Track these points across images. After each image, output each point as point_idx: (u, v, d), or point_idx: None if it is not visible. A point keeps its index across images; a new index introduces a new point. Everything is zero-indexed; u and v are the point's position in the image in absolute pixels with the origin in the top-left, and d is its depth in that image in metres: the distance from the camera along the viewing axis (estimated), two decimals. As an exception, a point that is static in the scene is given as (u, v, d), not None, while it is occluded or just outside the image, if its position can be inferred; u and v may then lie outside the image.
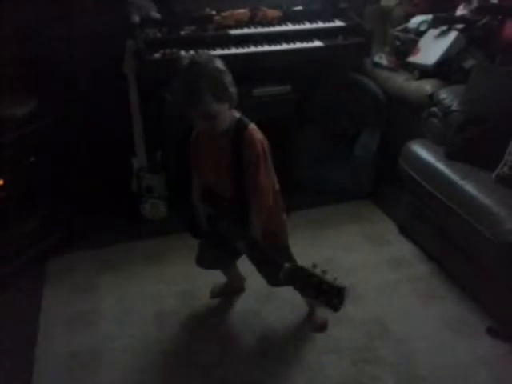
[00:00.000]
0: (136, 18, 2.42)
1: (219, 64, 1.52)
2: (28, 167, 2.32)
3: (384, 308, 2.10)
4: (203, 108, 1.48)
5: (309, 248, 2.34)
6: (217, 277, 2.10)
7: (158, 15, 2.51)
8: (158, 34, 2.43)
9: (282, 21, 2.61)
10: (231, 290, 2.17)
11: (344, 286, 1.30)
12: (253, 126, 1.60)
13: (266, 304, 2.12)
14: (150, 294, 2.19)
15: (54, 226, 2.46)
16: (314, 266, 1.35)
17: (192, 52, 2.34)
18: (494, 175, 2.05)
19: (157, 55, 2.32)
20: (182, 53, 2.35)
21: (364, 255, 2.40)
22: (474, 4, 2.63)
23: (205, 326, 2.04)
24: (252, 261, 1.83)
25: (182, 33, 2.47)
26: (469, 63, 2.51)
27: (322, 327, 2.00)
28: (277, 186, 1.74)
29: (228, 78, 1.51)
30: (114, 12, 2.44)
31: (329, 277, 1.31)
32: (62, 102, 2.50)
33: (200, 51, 2.27)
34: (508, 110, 2.09)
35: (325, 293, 1.30)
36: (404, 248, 2.44)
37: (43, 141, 2.37)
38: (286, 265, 1.40)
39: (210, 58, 1.54)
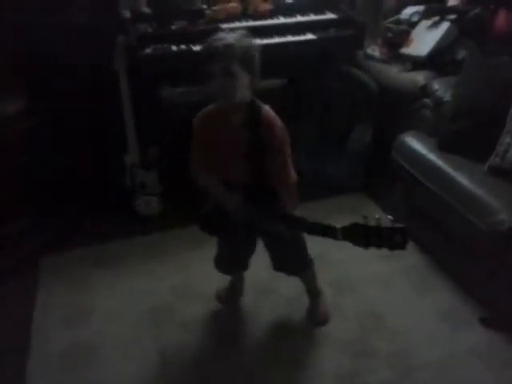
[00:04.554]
0: (126, 13, 2.41)
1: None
2: (20, 165, 2.31)
3: (378, 300, 2.12)
4: (228, 63, 1.42)
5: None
6: (211, 273, 2.05)
7: (148, 10, 2.49)
8: (149, 29, 2.42)
9: (273, 14, 2.61)
10: (235, 295, 2.13)
11: (403, 226, 1.32)
12: (268, 108, 1.58)
13: (261, 299, 2.13)
14: (144, 289, 2.19)
15: (48, 223, 2.45)
16: (365, 217, 1.37)
17: (183, 46, 2.34)
18: (486, 166, 2.05)
19: (148, 50, 2.31)
20: (174, 48, 2.35)
21: (357, 247, 2.39)
22: (466, -6, 2.63)
23: (199, 321, 2.05)
24: (276, 251, 1.82)
25: (173, 27, 2.46)
26: (461, 54, 2.51)
27: (324, 320, 2.00)
28: None
29: (256, 55, 1.49)
30: (104, 7, 2.42)
31: (385, 222, 1.34)
32: (53, 99, 2.48)
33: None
34: (499, 101, 2.09)
35: (387, 238, 1.33)
36: (398, 240, 2.45)
37: (36, 138, 2.35)
38: (339, 226, 1.42)
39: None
